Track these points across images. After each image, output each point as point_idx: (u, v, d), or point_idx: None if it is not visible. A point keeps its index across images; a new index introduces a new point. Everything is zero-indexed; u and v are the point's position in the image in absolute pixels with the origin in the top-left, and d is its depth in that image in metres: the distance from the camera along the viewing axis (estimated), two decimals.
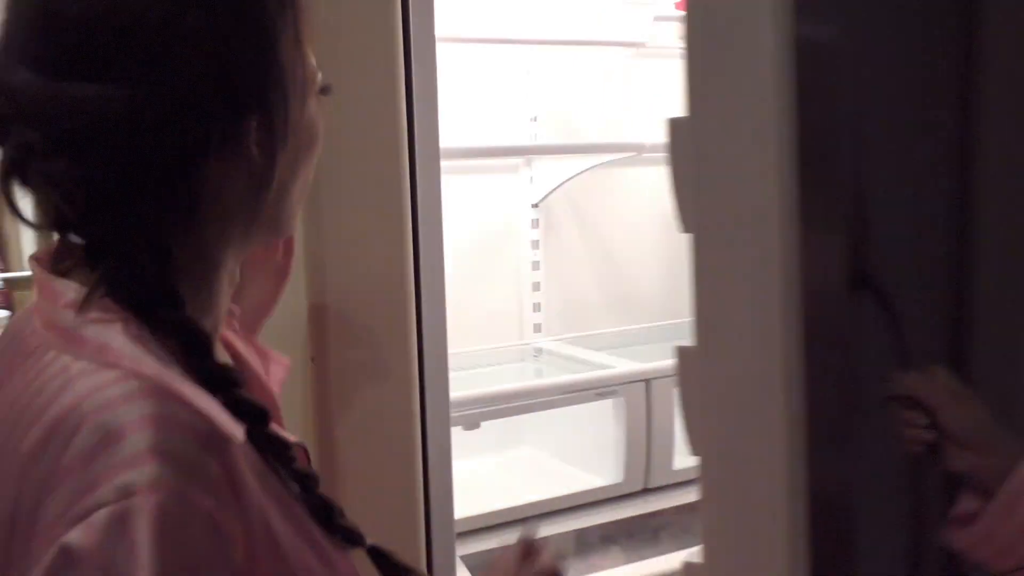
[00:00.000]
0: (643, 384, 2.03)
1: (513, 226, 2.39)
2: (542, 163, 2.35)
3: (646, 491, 2.07)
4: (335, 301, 1.49)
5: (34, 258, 0.74)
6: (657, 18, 2.17)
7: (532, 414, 2.04)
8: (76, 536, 0.56)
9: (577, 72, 2.36)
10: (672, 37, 2.22)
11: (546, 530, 1.93)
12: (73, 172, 0.68)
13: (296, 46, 0.77)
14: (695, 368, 1.05)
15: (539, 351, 2.40)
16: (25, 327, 0.72)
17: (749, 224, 0.97)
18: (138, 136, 0.69)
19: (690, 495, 1.93)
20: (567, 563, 0.92)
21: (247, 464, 0.62)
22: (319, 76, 0.81)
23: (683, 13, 1.00)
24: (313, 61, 0.80)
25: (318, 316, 1.50)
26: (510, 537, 1.21)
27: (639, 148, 2.19)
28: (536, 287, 2.43)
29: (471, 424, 1.96)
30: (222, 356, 0.79)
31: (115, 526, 0.56)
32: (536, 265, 2.41)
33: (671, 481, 2.08)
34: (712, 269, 1.03)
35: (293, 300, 1.51)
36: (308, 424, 1.53)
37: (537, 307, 2.43)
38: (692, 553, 1.16)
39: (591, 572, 1.84)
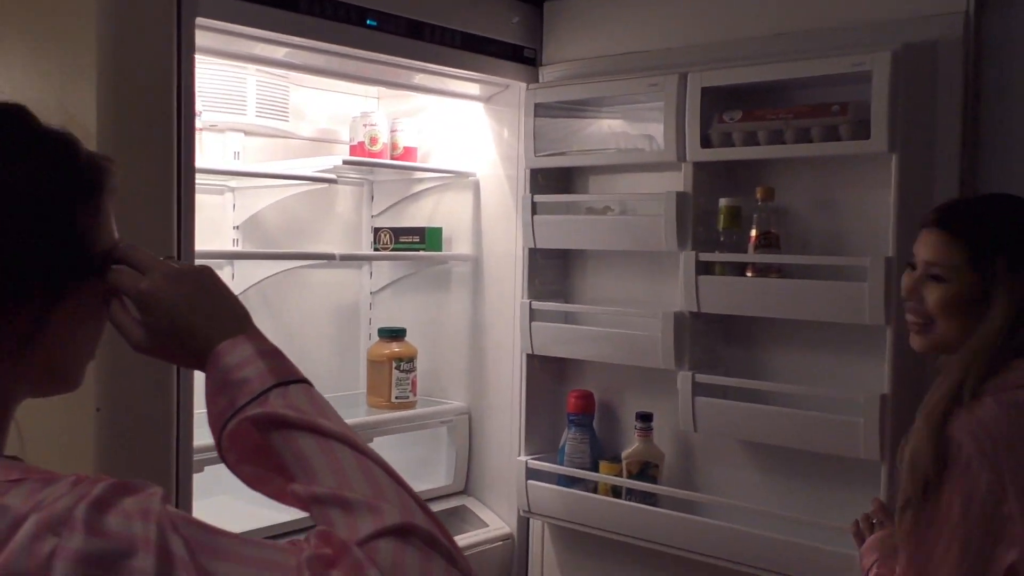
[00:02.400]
0: None
1: None
2: (242, 264, 2.67)
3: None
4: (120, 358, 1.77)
5: None
6: (345, 161, 2.63)
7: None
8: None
9: (276, 195, 2.72)
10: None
11: None
12: None
13: (96, 222, 0.88)
14: None
15: None
16: None
17: None
18: None
19: None
20: None
21: None
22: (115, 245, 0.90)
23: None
24: (114, 233, 0.91)
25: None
26: None
27: (330, 257, 2.63)
28: None
29: (198, 468, 2.21)
30: None
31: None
32: None
33: None
34: None
35: None
36: (93, 468, 1.79)
37: None
38: None
39: None
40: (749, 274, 2.19)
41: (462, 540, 2.58)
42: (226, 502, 2.20)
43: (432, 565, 0.77)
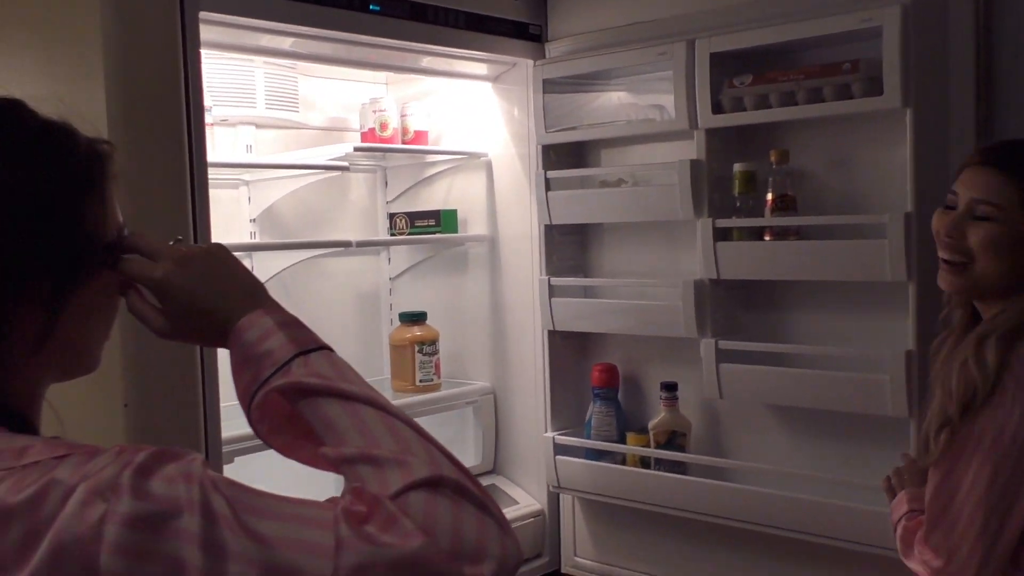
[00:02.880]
0: None
1: None
2: (260, 256, 2.66)
3: None
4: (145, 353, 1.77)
5: None
6: (357, 148, 2.62)
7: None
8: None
9: (290, 186, 2.71)
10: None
11: None
12: None
13: (102, 211, 0.87)
14: None
15: None
16: None
17: None
18: None
19: None
20: None
21: None
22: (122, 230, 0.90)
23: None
24: (119, 219, 0.90)
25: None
26: None
27: (347, 244, 2.61)
28: None
29: (228, 459, 2.21)
30: None
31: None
32: None
33: None
34: None
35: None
36: None
37: None
38: None
39: None
40: (767, 238, 2.17)
41: None
42: None
43: (464, 513, 0.79)
